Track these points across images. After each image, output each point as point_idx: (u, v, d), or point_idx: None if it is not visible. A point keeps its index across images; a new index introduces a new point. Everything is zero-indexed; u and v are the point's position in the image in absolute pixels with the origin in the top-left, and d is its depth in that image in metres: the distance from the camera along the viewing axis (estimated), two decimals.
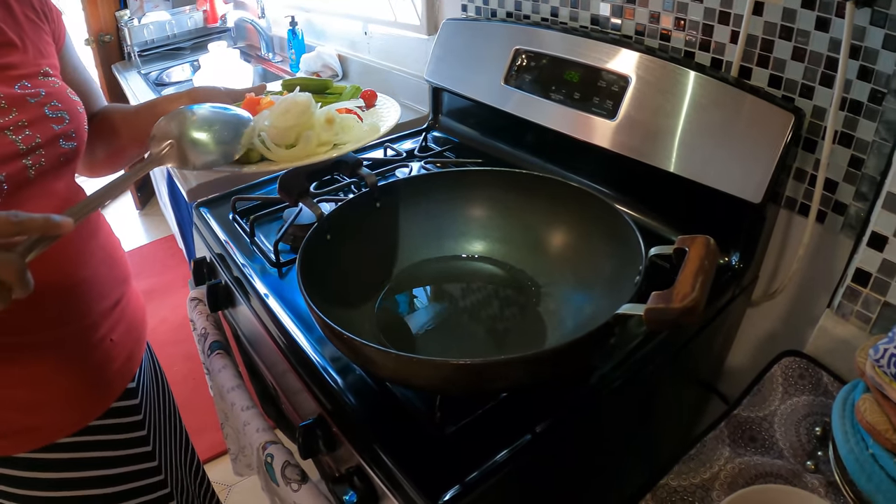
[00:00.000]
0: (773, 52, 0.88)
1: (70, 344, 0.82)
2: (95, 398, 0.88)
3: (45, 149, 0.75)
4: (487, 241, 0.91)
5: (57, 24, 0.87)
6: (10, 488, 0.84)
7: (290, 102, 0.90)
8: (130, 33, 2.83)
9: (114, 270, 0.90)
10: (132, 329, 0.94)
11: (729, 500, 0.54)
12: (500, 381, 0.60)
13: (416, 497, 0.61)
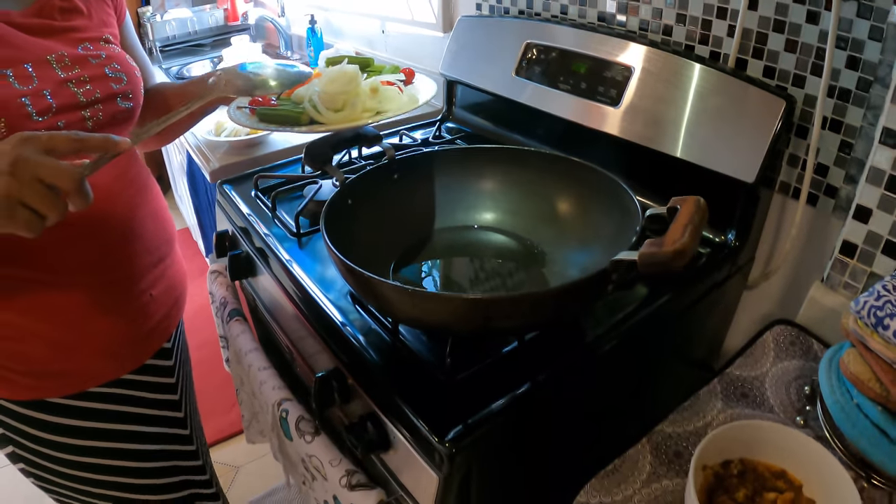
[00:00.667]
0: (767, 45, 0.94)
1: (108, 291, 0.87)
2: (130, 350, 0.94)
3: (103, 104, 0.83)
4: (497, 212, 0.98)
5: (118, 2, 0.95)
6: (40, 432, 0.89)
7: (340, 72, 0.97)
8: (153, 29, 2.92)
9: (159, 229, 0.96)
10: (172, 289, 1.01)
11: (714, 433, 0.60)
12: (508, 320, 0.66)
13: (428, 435, 0.67)
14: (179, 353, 1.08)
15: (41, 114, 0.75)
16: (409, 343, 0.79)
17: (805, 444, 0.62)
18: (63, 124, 0.77)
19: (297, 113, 0.97)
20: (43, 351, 0.85)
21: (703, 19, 1.02)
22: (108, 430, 0.94)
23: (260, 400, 0.98)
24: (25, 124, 0.73)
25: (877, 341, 0.63)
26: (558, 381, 0.74)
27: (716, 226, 0.98)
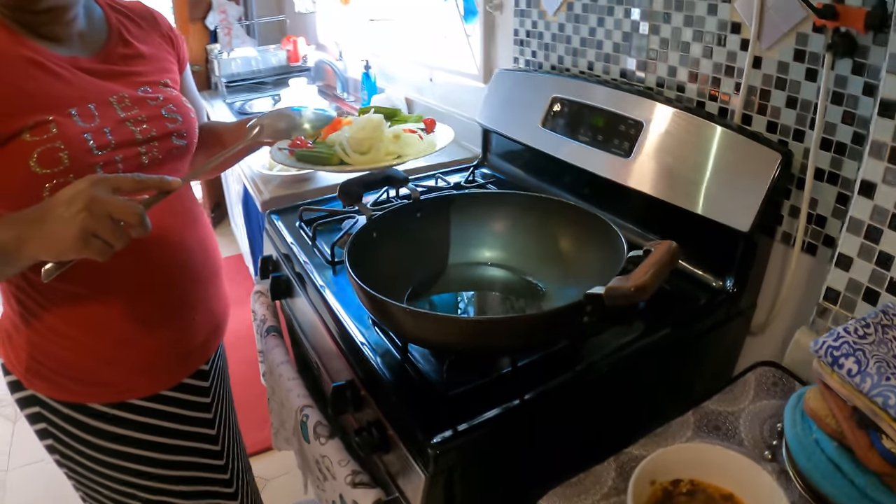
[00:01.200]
0: (770, 101, 1.03)
1: (154, 313, 0.99)
2: (169, 369, 1.04)
3: (158, 142, 0.96)
4: (505, 251, 1.09)
5: (180, 50, 1.11)
6: (79, 432, 1.00)
7: (367, 120, 1.11)
8: (219, 65, 3.17)
9: (205, 260, 1.07)
10: (213, 316, 1.11)
11: (663, 450, 0.68)
12: (498, 340, 0.77)
13: (418, 438, 0.77)
14: (217, 376, 1.18)
15: (101, 148, 0.87)
16: (417, 362, 0.90)
17: (754, 471, 0.69)
18: (120, 158, 0.90)
19: (328, 155, 1.11)
20: (89, 361, 0.96)
21: (713, 77, 1.12)
22: (141, 440, 1.04)
23: (286, 407, 1.09)
24: (87, 158, 0.86)
25: (834, 379, 0.70)
26: (545, 401, 0.83)
27: (715, 271, 1.06)
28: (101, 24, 0.98)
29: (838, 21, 0.88)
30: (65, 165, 0.83)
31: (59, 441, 1.01)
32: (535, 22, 1.54)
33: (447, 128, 1.19)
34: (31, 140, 0.82)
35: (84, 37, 0.94)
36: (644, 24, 1.23)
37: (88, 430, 1.00)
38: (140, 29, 1.02)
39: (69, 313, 0.93)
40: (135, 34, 1.01)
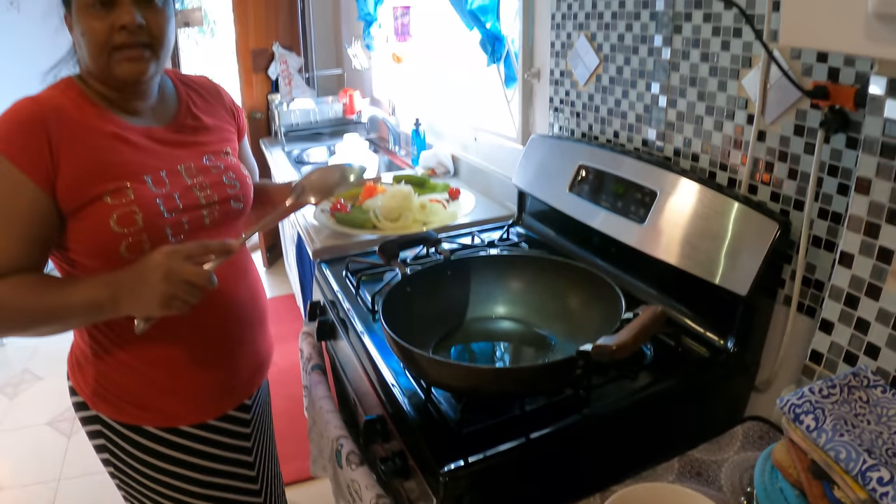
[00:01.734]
0: (774, 172, 1.14)
1: (205, 352, 1.14)
2: (216, 401, 1.19)
3: (219, 205, 1.13)
4: (521, 306, 1.23)
5: (240, 121, 1.29)
6: (133, 450, 1.15)
7: (397, 191, 1.27)
8: (279, 115, 3.43)
9: (253, 307, 1.23)
10: (258, 356, 1.26)
11: (623, 491, 0.79)
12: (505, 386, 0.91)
13: (433, 465, 0.90)
14: (259, 410, 1.32)
15: (170, 212, 1.03)
16: (438, 402, 1.03)
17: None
18: (186, 220, 1.06)
19: (363, 220, 1.27)
20: (148, 390, 1.11)
21: (723, 149, 1.24)
22: (186, 462, 1.17)
23: (324, 437, 1.24)
24: (158, 220, 1.01)
25: (796, 434, 0.81)
26: (548, 441, 0.95)
27: (718, 331, 1.17)
28: (172, 98, 1.16)
29: (830, 100, 0.99)
30: (139, 226, 1.00)
31: (114, 456, 1.16)
32: (567, 91, 1.69)
33: (471, 196, 1.34)
34: (111, 203, 0.99)
35: (157, 109, 1.11)
36: (663, 97, 1.36)
37: (142, 448, 1.15)
38: (206, 102, 1.20)
39: (135, 349, 1.09)
40: (201, 107, 1.18)
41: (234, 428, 1.23)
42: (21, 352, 3.58)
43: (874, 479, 0.71)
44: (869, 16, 0.57)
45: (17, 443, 2.81)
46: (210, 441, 1.20)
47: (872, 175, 0.88)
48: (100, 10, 0.95)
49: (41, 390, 3.21)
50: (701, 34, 1.23)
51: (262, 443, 1.34)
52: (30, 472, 2.58)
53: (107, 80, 1.02)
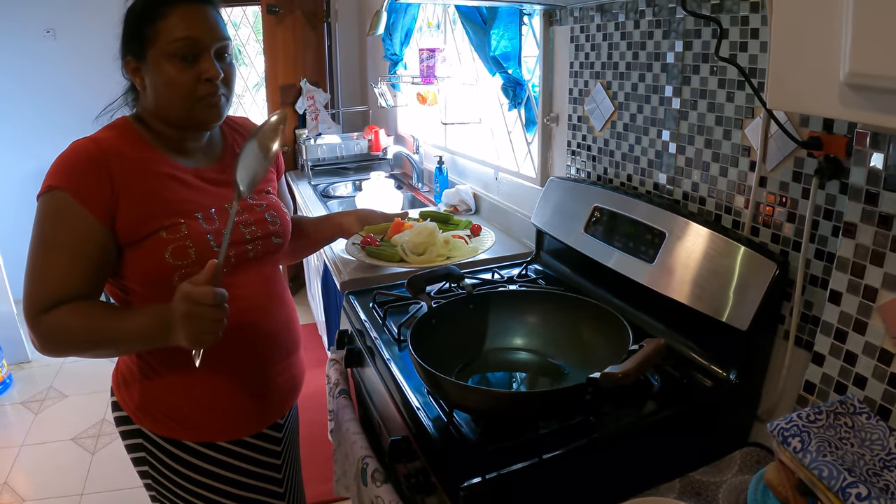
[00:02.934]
0: (774, 216, 1.24)
1: (248, 374, 1.27)
2: (252, 420, 1.30)
3: (262, 241, 1.26)
4: (537, 338, 1.34)
5: (279, 163, 1.43)
6: (172, 462, 1.26)
7: (423, 227, 1.39)
8: (306, 149, 3.60)
9: (290, 335, 1.36)
10: (292, 379, 1.38)
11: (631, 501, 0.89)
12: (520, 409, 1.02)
13: (454, 481, 1.00)
14: (289, 429, 1.44)
15: (219, 246, 1.14)
16: (460, 425, 1.14)
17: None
18: (234, 254, 1.20)
19: (391, 253, 1.40)
20: (191, 407, 1.23)
21: (727, 193, 1.35)
22: (220, 475, 1.28)
23: (349, 458, 1.35)
24: (208, 253, 1.13)
25: (785, 455, 0.90)
26: (559, 462, 1.05)
27: (721, 364, 1.26)
28: (219, 139, 1.30)
29: (823, 150, 1.10)
30: (192, 259, 1.14)
31: (153, 468, 1.27)
32: (584, 135, 1.83)
33: (491, 233, 1.47)
34: (166, 237, 1.13)
35: (206, 150, 1.26)
36: (673, 144, 1.49)
37: (180, 461, 1.26)
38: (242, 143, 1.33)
39: (181, 370, 1.20)
40: (238, 146, 1.30)
41: (266, 445, 1.35)
42: (46, 369, 3.76)
43: (853, 494, 0.80)
44: (842, 85, 0.69)
45: (41, 457, 2.96)
46: (244, 457, 1.31)
47: (858, 220, 0.99)
48: (185, 63, 1.09)
49: (66, 407, 3.35)
50: (708, 86, 1.36)
51: (291, 461, 1.45)
52: (53, 486, 2.72)
53: (177, 123, 1.16)
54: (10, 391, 3.55)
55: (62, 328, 1.05)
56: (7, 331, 3.74)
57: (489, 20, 2.11)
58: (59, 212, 1.07)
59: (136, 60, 1.13)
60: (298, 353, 1.40)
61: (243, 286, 1.23)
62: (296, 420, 1.52)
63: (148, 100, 1.15)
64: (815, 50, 0.69)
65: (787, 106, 0.79)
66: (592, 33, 1.72)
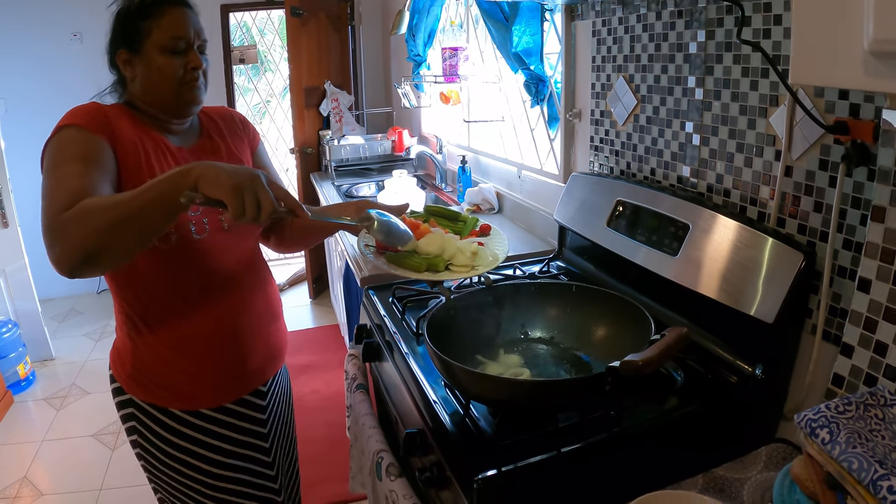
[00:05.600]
0: (801, 206, 1.21)
1: (226, 342, 1.33)
2: (232, 386, 1.37)
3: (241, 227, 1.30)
4: (557, 330, 1.32)
5: (248, 132, 1.48)
6: (160, 429, 1.33)
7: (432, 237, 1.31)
8: (330, 150, 3.62)
9: (267, 307, 1.42)
10: (270, 348, 1.43)
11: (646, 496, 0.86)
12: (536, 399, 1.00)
13: (469, 473, 0.98)
14: (275, 399, 1.48)
15: (199, 233, 1.24)
16: (476, 418, 1.12)
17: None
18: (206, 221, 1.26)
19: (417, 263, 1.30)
20: (176, 374, 1.30)
21: (752, 184, 1.32)
22: (206, 443, 1.35)
23: (365, 452, 1.34)
24: (184, 216, 1.21)
25: (813, 448, 0.87)
26: (578, 455, 1.03)
27: (747, 358, 1.23)
28: (197, 125, 1.40)
29: (850, 135, 1.07)
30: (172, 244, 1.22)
31: (142, 436, 1.33)
32: (607, 130, 1.80)
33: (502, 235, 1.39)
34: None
35: (185, 132, 1.35)
36: (696, 136, 1.46)
37: (167, 428, 1.32)
38: (221, 126, 1.43)
39: (165, 337, 1.28)
40: (219, 132, 1.41)
41: (249, 412, 1.41)
42: (69, 367, 3.86)
43: (885, 487, 0.77)
44: (866, 53, 0.66)
45: (62, 452, 3.01)
46: (227, 423, 1.37)
47: (887, 203, 0.96)
48: (175, 55, 1.23)
49: (87, 404, 3.43)
50: (731, 75, 1.33)
51: (280, 433, 1.50)
52: (72, 481, 2.77)
53: (165, 105, 1.26)
54: (33, 388, 3.64)
55: (82, 210, 0.99)
56: (31, 330, 3.83)
57: (511, 16, 2.10)
58: (72, 138, 1.14)
59: (129, 52, 1.24)
60: (277, 324, 1.47)
61: (220, 256, 1.31)
62: (285, 392, 1.56)
63: (138, 87, 1.26)
64: (837, 20, 0.66)
65: (811, 80, 0.77)
66: (614, 26, 1.69)
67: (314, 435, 2.86)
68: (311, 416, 3.03)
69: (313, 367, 3.48)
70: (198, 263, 1.27)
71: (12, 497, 2.67)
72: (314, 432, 2.88)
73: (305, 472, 2.58)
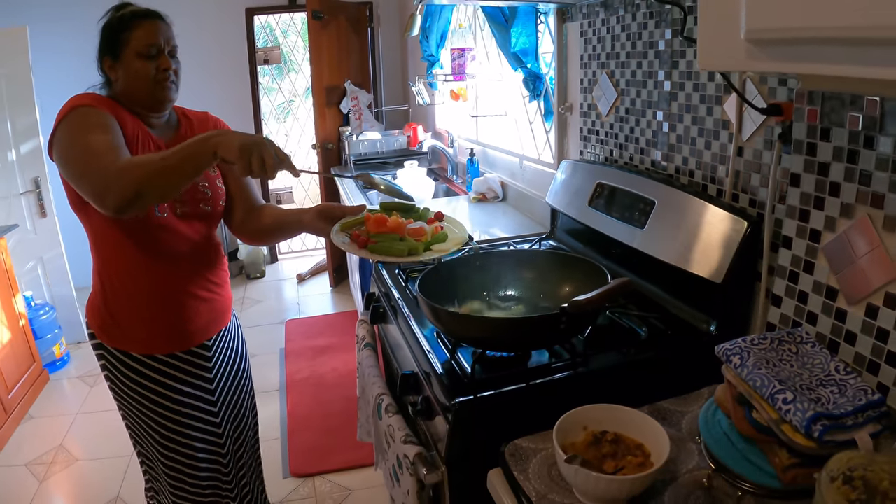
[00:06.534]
0: (750, 182, 1.38)
1: (177, 300, 1.55)
2: (180, 337, 1.58)
3: (188, 204, 1.52)
4: (531, 290, 1.51)
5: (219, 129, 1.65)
6: (125, 370, 1.56)
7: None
8: (349, 145, 3.84)
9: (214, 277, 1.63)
10: (213, 310, 1.64)
11: (590, 406, 1.03)
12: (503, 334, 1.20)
13: (449, 399, 1.18)
14: (221, 356, 1.69)
15: (160, 212, 1.46)
16: (461, 360, 1.31)
17: (656, 429, 1.01)
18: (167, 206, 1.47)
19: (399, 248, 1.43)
20: (135, 322, 1.53)
21: (711, 165, 1.49)
22: (161, 382, 1.57)
23: (369, 400, 1.54)
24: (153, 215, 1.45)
25: (728, 372, 1.05)
26: (542, 388, 1.22)
27: (703, 316, 1.40)
28: (175, 122, 1.61)
29: (783, 116, 1.24)
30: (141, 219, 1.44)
31: (112, 374, 1.58)
32: (593, 122, 1.98)
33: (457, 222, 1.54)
34: None
35: (163, 128, 1.55)
36: (666, 123, 1.64)
37: (130, 368, 1.56)
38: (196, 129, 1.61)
39: (127, 292, 1.52)
40: (192, 131, 1.59)
41: (196, 360, 1.63)
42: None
43: (780, 399, 0.93)
44: (743, 41, 0.83)
45: (96, 424, 3.25)
46: (178, 368, 1.60)
47: (801, 170, 1.14)
48: (149, 59, 1.44)
49: None
50: (692, 68, 1.50)
51: (225, 383, 1.71)
52: (105, 448, 3.01)
53: (143, 101, 1.47)
54: (67, 367, 3.89)
55: (134, 161, 1.27)
56: (67, 312, 4.09)
57: (510, 19, 2.29)
58: (88, 113, 1.36)
59: (112, 59, 1.46)
60: (221, 292, 1.69)
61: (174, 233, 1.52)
62: (232, 350, 1.75)
63: (120, 87, 1.48)
64: (724, 16, 0.84)
65: (711, 65, 0.93)
66: (598, 27, 1.88)
67: (332, 409, 3.09)
68: (330, 391, 3.26)
69: (332, 348, 3.71)
70: (156, 237, 1.49)
71: (49, 462, 2.91)
72: (332, 406, 3.11)
73: (321, 440, 2.83)
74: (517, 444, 1.08)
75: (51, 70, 4.46)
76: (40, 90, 3.93)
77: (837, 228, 1.09)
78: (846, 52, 0.67)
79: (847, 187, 1.06)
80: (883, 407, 0.92)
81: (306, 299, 4.68)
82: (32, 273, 4.03)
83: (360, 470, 2.66)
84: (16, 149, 3.89)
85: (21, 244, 3.90)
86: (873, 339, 1.03)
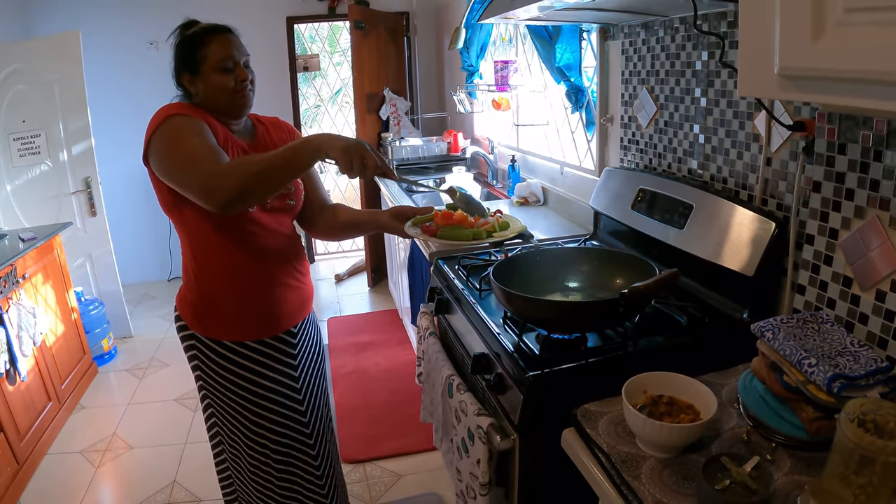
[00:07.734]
0: (778, 189, 1.60)
1: (265, 289, 1.70)
2: (269, 324, 1.73)
3: (276, 199, 1.68)
4: (587, 282, 1.74)
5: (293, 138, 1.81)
6: (216, 357, 1.70)
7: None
8: (392, 150, 4.09)
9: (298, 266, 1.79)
10: (299, 297, 1.79)
11: (650, 374, 1.27)
12: (567, 315, 1.44)
13: (520, 374, 1.42)
14: (305, 342, 1.84)
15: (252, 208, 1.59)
16: (528, 343, 1.55)
17: (707, 393, 1.24)
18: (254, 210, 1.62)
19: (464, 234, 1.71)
20: (228, 312, 1.68)
21: (743, 173, 1.72)
22: (249, 367, 1.71)
23: (436, 386, 1.78)
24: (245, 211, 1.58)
25: (763, 345, 1.27)
26: (601, 364, 1.46)
27: (737, 306, 1.63)
28: (251, 127, 1.76)
29: (806, 132, 1.46)
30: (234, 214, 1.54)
31: (202, 362, 1.71)
32: (633, 132, 2.22)
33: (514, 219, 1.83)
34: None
35: (242, 132, 1.70)
36: (702, 136, 1.86)
37: (220, 355, 1.70)
38: (272, 132, 1.78)
39: (219, 282, 1.66)
40: (269, 135, 1.77)
41: (284, 347, 1.78)
42: (148, 343, 4.37)
43: (805, 364, 1.15)
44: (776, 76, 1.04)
45: (147, 414, 3.47)
46: (266, 354, 1.74)
47: (821, 179, 1.37)
48: (227, 72, 1.58)
49: (168, 375, 3.90)
50: (727, 87, 1.73)
51: (311, 372, 1.87)
52: (159, 436, 3.23)
53: (224, 110, 1.61)
54: (115, 360, 4.14)
55: (240, 162, 1.42)
56: (114, 308, 4.34)
57: (554, 36, 2.53)
58: (184, 122, 1.49)
59: (191, 75, 1.60)
60: (305, 281, 1.84)
61: (264, 227, 1.67)
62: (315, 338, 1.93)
63: (201, 98, 1.61)
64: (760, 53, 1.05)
65: (749, 93, 1.14)
66: (639, 46, 2.12)
67: (377, 399, 3.36)
68: (374, 384, 3.53)
69: (374, 344, 3.98)
70: (248, 230, 1.62)
71: (104, 450, 3.11)
72: (377, 397, 3.38)
73: (369, 429, 3.12)
74: (586, 408, 1.31)
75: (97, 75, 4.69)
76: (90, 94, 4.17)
77: (852, 227, 1.31)
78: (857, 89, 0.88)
79: (860, 193, 1.29)
80: (891, 372, 1.13)
81: (345, 298, 4.94)
82: (81, 269, 4.26)
83: (408, 457, 2.91)
84: (68, 150, 4.14)
85: (72, 241, 4.10)
86: (882, 319, 1.26)
